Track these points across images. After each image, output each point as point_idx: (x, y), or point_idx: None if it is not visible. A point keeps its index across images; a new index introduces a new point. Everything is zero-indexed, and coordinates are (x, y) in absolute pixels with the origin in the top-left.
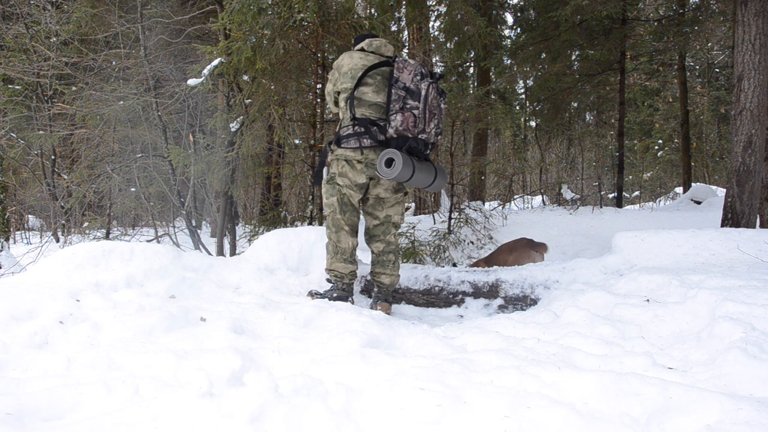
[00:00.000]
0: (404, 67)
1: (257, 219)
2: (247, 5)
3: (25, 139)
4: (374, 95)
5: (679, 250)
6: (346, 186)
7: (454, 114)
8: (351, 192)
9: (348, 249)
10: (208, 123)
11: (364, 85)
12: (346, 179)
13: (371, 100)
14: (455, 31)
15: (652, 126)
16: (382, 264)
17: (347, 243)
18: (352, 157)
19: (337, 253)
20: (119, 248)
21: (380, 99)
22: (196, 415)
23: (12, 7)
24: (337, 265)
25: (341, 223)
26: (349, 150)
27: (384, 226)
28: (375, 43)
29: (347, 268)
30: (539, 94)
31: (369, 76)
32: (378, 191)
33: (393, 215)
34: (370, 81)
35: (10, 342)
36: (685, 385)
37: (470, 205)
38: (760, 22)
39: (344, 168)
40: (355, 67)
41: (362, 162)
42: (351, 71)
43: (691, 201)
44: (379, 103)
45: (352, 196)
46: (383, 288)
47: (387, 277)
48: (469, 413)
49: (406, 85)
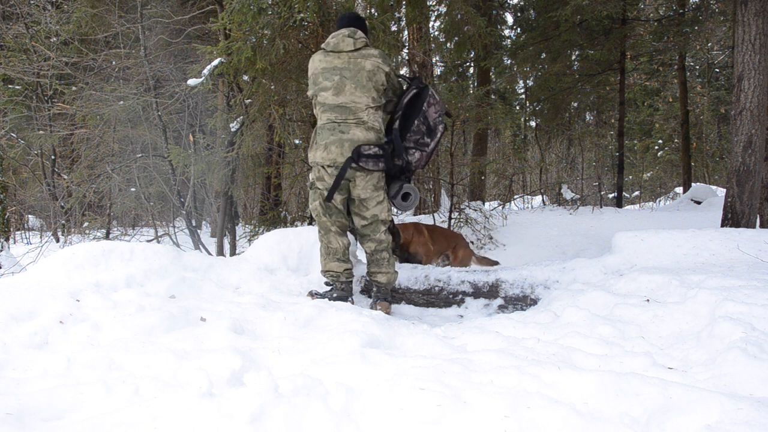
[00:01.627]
0: (434, 103)
1: (257, 219)
2: (247, 5)
3: (25, 139)
4: (334, 98)
5: (679, 250)
6: (325, 189)
7: (455, 114)
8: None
9: (339, 248)
10: (208, 123)
11: (323, 90)
12: (324, 183)
13: (333, 103)
14: (455, 31)
15: (652, 126)
16: (376, 263)
17: (338, 243)
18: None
19: (329, 254)
20: (119, 248)
21: (342, 100)
22: (196, 415)
23: (12, 7)
24: (331, 265)
25: (327, 225)
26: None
27: (372, 225)
28: (332, 42)
29: (341, 266)
30: (539, 94)
31: (326, 78)
32: (357, 192)
33: (379, 214)
34: (328, 84)
35: (10, 342)
36: (685, 385)
37: (470, 205)
38: (760, 22)
39: (320, 172)
40: (315, 71)
41: (328, 165)
42: (312, 75)
43: (691, 201)
44: (343, 105)
45: (334, 199)
46: (381, 287)
47: (383, 275)
48: (469, 413)
49: (429, 122)
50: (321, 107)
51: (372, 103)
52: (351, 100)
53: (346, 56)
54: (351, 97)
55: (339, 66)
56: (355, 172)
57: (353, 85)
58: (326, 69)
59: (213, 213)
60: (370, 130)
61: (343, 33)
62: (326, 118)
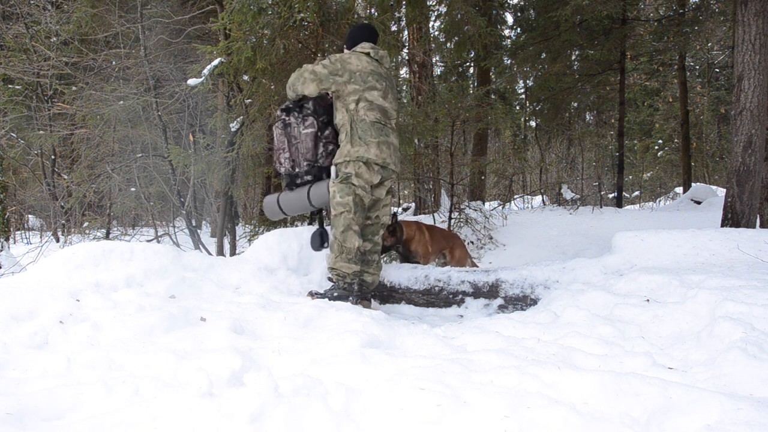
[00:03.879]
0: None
1: (257, 219)
2: (247, 5)
3: (25, 139)
4: (383, 101)
5: (679, 250)
6: (361, 186)
7: (454, 114)
8: (364, 193)
9: (353, 249)
10: (208, 123)
11: (374, 89)
12: (362, 180)
13: (381, 105)
14: (455, 31)
15: (652, 126)
16: (367, 263)
17: (353, 243)
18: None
19: (342, 253)
20: (119, 248)
21: (387, 105)
22: (196, 415)
23: (12, 7)
24: (341, 264)
25: (351, 223)
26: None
27: (374, 226)
28: (377, 52)
29: (351, 268)
30: (539, 94)
31: (376, 80)
32: (377, 193)
33: (382, 216)
34: (379, 86)
35: (10, 342)
36: (685, 385)
37: (470, 205)
38: (760, 22)
39: (361, 168)
40: (364, 69)
41: (378, 164)
42: (360, 73)
43: (691, 201)
44: (388, 109)
45: (364, 197)
46: (365, 286)
47: (370, 276)
48: (469, 413)
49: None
50: (367, 105)
51: (397, 115)
52: (392, 107)
53: (386, 69)
54: (392, 105)
55: (383, 75)
56: (393, 175)
57: (392, 96)
58: (375, 72)
59: (213, 213)
60: (397, 138)
61: (381, 48)
62: (374, 117)
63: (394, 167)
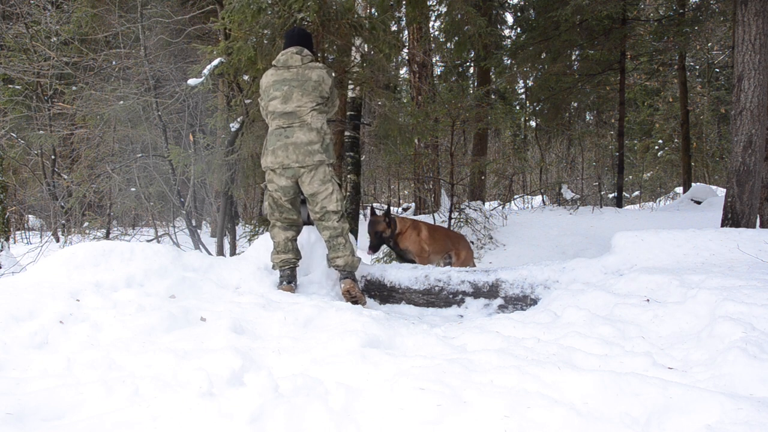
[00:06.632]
0: None
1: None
2: (247, 4)
3: (25, 139)
4: (282, 106)
5: (679, 250)
6: (274, 190)
7: (454, 114)
8: (279, 195)
9: (280, 242)
10: (208, 123)
11: (273, 99)
12: (273, 184)
13: (281, 111)
14: (455, 31)
15: (652, 126)
16: (334, 248)
17: (278, 237)
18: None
19: (274, 247)
20: (119, 248)
21: (289, 108)
22: (196, 415)
23: (12, 7)
24: (273, 256)
25: (274, 222)
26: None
27: (324, 215)
28: (282, 58)
29: (279, 257)
30: (539, 94)
31: (276, 89)
32: (306, 188)
33: (327, 205)
34: (278, 94)
35: (10, 342)
36: (685, 385)
37: (470, 205)
38: (760, 22)
39: (270, 175)
40: (267, 84)
41: (276, 168)
42: (264, 88)
43: (691, 201)
44: (290, 112)
45: (279, 199)
46: (340, 269)
47: (340, 259)
48: (469, 413)
49: None
50: (271, 115)
51: (315, 106)
52: (297, 106)
53: (295, 70)
54: (297, 104)
55: (288, 78)
56: (301, 170)
57: (300, 93)
58: (276, 81)
59: (213, 213)
60: (312, 130)
61: (291, 50)
62: (275, 125)
63: (298, 162)
